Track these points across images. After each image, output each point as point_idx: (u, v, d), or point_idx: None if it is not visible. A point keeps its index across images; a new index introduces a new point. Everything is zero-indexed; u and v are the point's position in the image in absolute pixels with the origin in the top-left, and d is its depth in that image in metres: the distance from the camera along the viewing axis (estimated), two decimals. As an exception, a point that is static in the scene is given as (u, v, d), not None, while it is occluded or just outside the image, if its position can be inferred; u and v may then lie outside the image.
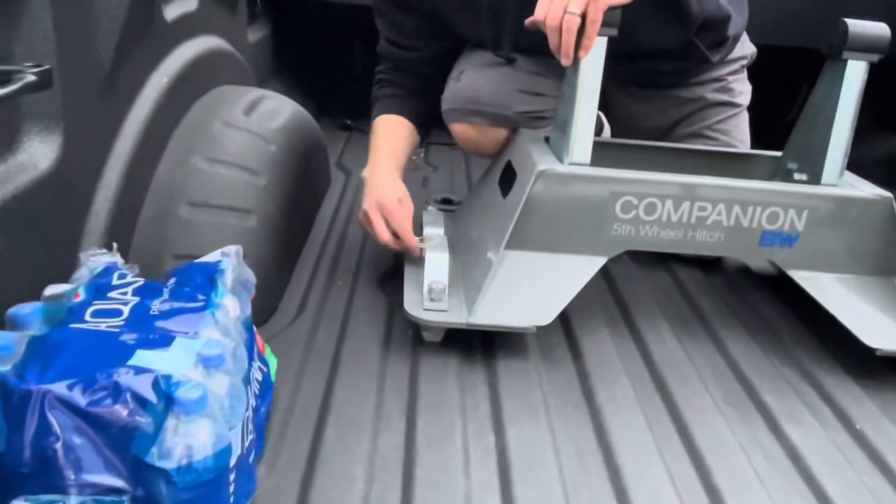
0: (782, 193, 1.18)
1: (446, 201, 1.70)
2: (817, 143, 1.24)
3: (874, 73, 1.31)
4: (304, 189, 1.44)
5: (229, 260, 0.89)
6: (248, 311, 0.90)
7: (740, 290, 1.44)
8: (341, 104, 2.29)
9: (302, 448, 0.91)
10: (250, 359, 0.86)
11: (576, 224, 1.16)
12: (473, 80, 1.42)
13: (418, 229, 1.30)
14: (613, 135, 1.68)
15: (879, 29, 1.16)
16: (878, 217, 1.18)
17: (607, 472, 0.92)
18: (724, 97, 1.51)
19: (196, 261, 0.88)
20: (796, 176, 1.30)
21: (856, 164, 2.33)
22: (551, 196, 1.15)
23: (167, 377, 0.63)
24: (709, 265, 1.52)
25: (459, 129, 1.44)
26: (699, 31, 1.36)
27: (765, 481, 0.93)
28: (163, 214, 1.13)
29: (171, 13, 1.27)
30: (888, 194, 1.19)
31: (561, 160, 1.19)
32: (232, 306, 0.80)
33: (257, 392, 0.86)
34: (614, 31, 1.11)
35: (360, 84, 2.33)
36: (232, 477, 0.68)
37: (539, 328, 1.12)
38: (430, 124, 1.48)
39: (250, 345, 0.86)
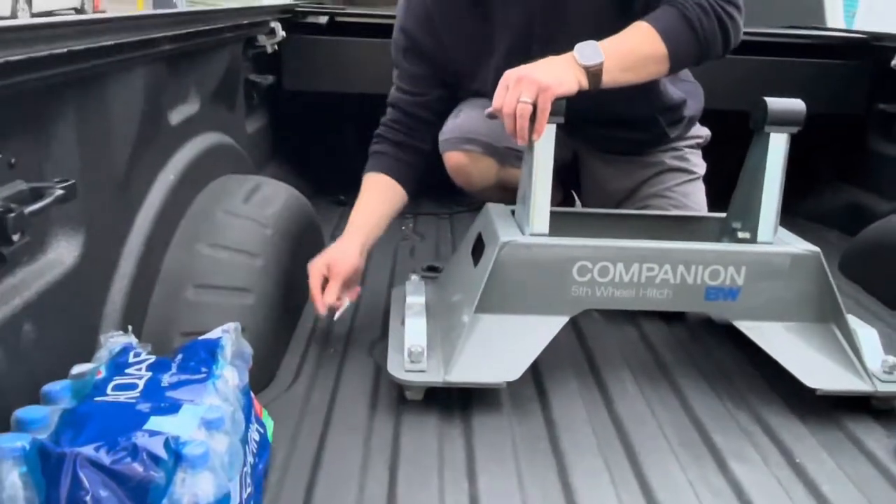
0: (721, 253, 1.32)
1: (431, 269, 1.84)
2: (753, 205, 1.38)
3: (837, 131, 1.46)
4: (299, 266, 1.59)
5: (229, 336, 1.03)
6: (246, 379, 1.03)
7: (701, 340, 1.57)
8: (336, 182, 2.45)
9: (296, 501, 1.03)
10: (248, 421, 0.99)
11: (538, 288, 1.30)
12: (470, 116, 1.62)
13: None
14: (587, 194, 1.87)
15: (795, 105, 1.31)
16: (809, 270, 1.32)
17: (567, 509, 1.04)
18: (681, 164, 1.73)
19: (200, 338, 1.02)
20: (740, 234, 1.44)
21: (819, 212, 2.49)
22: (514, 264, 1.29)
23: (176, 438, 0.76)
24: (673, 319, 1.65)
25: (452, 158, 1.64)
26: (661, 111, 1.60)
27: (709, 513, 1.04)
28: (171, 297, 1.28)
29: (175, 118, 1.45)
30: (816, 249, 1.33)
31: (523, 231, 1.34)
32: (231, 376, 0.94)
33: (255, 451, 0.99)
34: (561, 119, 1.27)
35: (353, 163, 2.52)
36: (232, 523, 0.81)
37: (510, 383, 1.25)
38: (420, 178, 1.63)
39: (248, 409, 1.00)
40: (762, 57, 2.31)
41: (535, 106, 1.24)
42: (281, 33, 2.06)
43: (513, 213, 1.46)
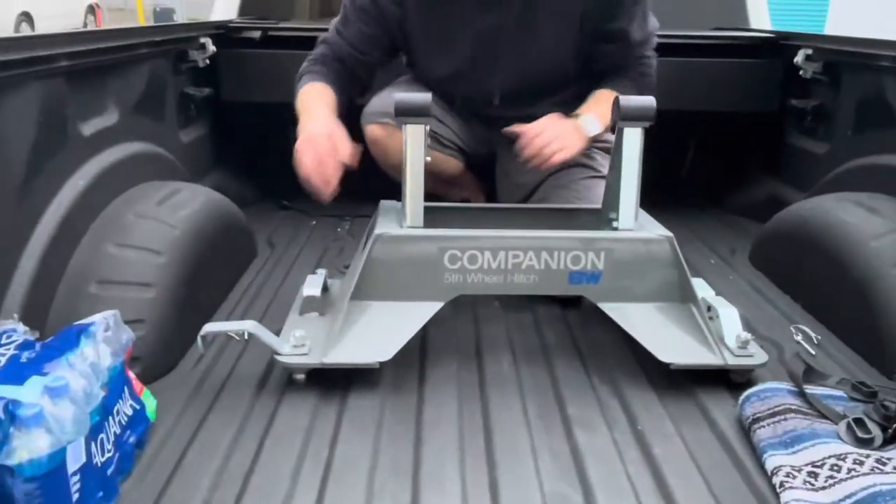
0: (581, 240, 1.42)
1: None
2: (618, 195, 1.48)
3: (760, 127, 1.55)
4: (213, 264, 1.70)
5: (104, 321, 1.14)
6: (120, 360, 1.14)
7: (588, 323, 1.66)
8: (279, 188, 2.57)
9: (167, 467, 1.14)
10: (117, 396, 1.10)
11: (411, 276, 1.41)
12: (392, 93, 1.73)
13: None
14: (500, 188, 2.03)
15: (645, 102, 1.42)
16: (663, 253, 1.42)
17: (411, 472, 1.14)
18: (587, 161, 1.86)
19: (76, 323, 1.13)
20: (615, 224, 1.54)
21: (746, 206, 2.58)
22: (388, 254, 1.40)
23: (15, 401, 0.87)
24: (568, 304, 1.75)
25: (371, 130, 1.81)
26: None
27: (542, 474, 1.14)
28: (75, 292, 1.39)
29: (88, 130, 1.57)
30: (669, 234, 1.43)
31: (401, 225, 1.45)
32: (91, 354, 1.05)
33: (123, 423, 1.10)
34: (428, 122, 1.40)
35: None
36: (75, 479, 0.92)
37: (394, 367, 1.35)
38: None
39: (117, 385, 1.11)
40: (683, 58, 2.41)
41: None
42: (212, 48, 2.18)
43: (403, 208, 1.57)
